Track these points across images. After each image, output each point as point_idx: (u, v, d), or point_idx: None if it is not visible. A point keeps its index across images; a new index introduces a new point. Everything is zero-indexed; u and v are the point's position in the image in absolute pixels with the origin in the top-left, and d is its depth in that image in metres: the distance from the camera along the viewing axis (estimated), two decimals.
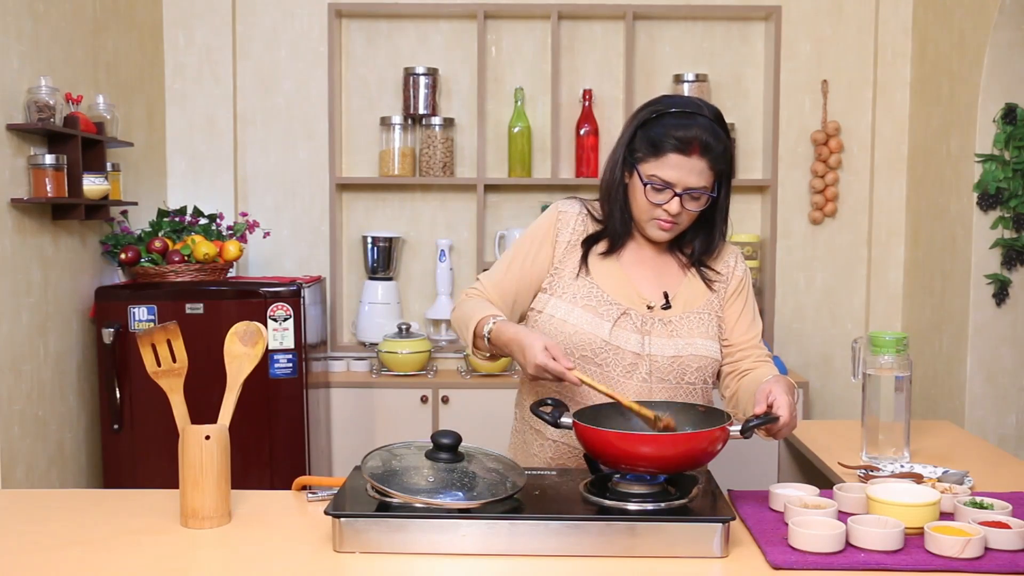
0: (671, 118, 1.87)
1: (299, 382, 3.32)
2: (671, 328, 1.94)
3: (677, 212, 1.89)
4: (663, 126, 1.87)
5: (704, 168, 1.86)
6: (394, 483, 1.60)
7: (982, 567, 1.50)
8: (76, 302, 3.21)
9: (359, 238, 4.10)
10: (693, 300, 1.99)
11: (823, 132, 4.05)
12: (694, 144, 1.85)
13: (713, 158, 1.86)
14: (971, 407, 3.45)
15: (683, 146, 1.85)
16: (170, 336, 1.77)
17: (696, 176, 1.86)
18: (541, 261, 1.99)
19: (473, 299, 2.00)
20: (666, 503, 1.61)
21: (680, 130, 1.85)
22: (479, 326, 1.89)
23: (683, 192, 1.87)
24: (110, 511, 1.80)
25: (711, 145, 1.86)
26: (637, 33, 4.05)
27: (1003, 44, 3.33)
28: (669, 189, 1.87)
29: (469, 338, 1.93)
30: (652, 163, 1.88)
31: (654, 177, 1.87)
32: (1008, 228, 3.39)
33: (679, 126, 1.86)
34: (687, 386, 1.95)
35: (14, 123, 2.79)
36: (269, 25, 4.05)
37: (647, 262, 2.00)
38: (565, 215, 2.00)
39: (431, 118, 3.98)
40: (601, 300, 1.94)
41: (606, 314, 1.93)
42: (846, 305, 4.15)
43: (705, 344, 1.96)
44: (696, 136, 1.85)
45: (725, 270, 2.03)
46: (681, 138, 1.85)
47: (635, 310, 1.94)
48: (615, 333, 1.92)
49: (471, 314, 1.92)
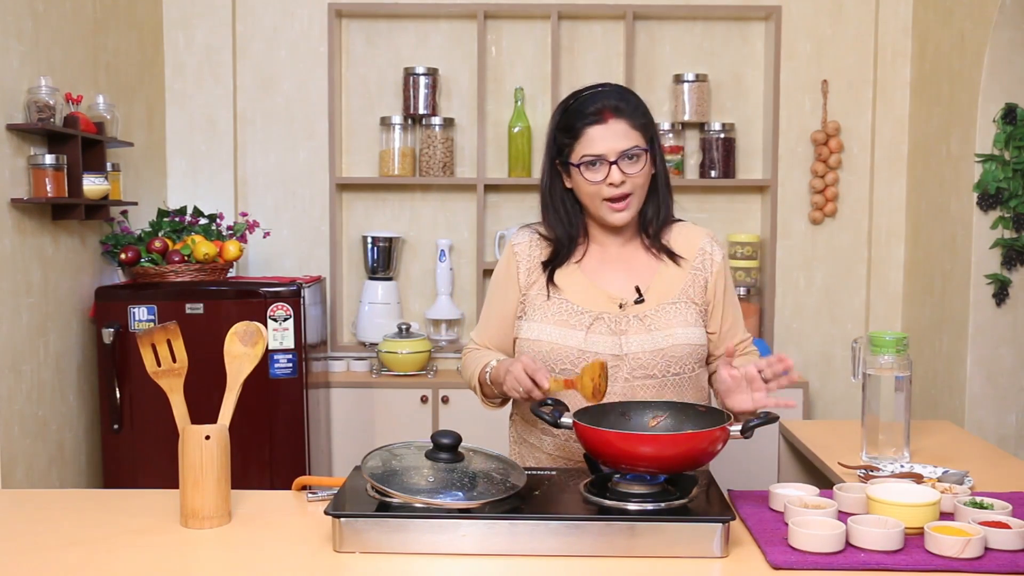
0: (576, 103, 1.94)
1: (299, 382, 3.32)
2: (648, 323, 1.94)
3: (620, 180, 1.90)
4: (572, 113, 1.93)
5: (626, 128, 1.90)
6: (394, 483, 1.60)
7: (982, 567, 1.50)
8: (76, 302, 3.21)
9: (359, 238, 4.10)
10: (668, 290, 1.97)
11: (823, 132, 4.05)
12: (604, 111, 1.90)
13: (629, 116, 1.91)
14: (971, 407, 3.45)
15: (597, 117, 1.90)
16: (170, 336, 1.77)
17: (622, 139, 1.89)
18: (511, 297, 2.04)
19: (471, 354, 2.07)
20: (666, 503, 1.61)
21: (588, 105, 1.91)
22: (480, 375, 1.97)
23: (617, 159, 1.89)
24: (110, 511, 1.80)
25: (621, 107, 1.91)
26: (637, 33, 4.05)
27: (1003, 44, 3.33)
28: (603, 161, 1.90)
29: (478, 394, 2.02)
30: (577, 147, 1.92)
31: (584, 157, 1.90)
32: (1008, 228, 3.39)
33: (585, 103, 1.92)
34: (674, 378, 1.94)
35: (14, 123, 2.79)
36: (269, 25, 4.05)
37: (612, 261, 2.01)
38: (519, 246, 2.05)
39: (431, 118, 3.98)
40: (571, 312, 1.95)
41: (578, 324, 1.94)
42: (846, 305, 4.15)
43: (685, 332, 1.95)
44: (604, 104, 1.91)
45: (700, 256, 2.01)
46: (592, 111, 1.90)
47: (607, 313, 1.95)
48: (590, 339, 1.93)
49: (472, 371, 2.01)
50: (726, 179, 4.02)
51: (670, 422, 1.79)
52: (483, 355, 2.02)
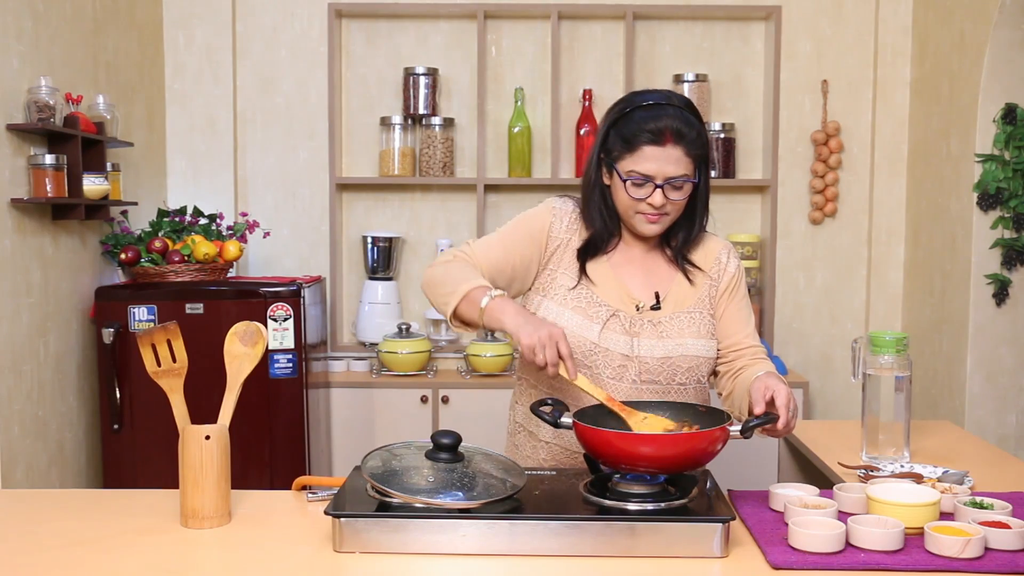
0: (640, 111, 1.88)
1: (299, 382, 3.32)
2: (660, 329, 1.93)
3: (661, 204, 1.88)
4: (634, 121, 1.87)
5: (680, 156, 1.86)
6: (394, 483, 1.60)
7: (982, 567, 1.50)
8: (76, 302, 3.21)
9: (359, 238, 4.10)
10: (684, 299, 1.98)
11: (823, 132, 4.05)
12: (666, 133, 1.85)
13: (688, 144, 1.86)
14: (971, 407, 3.45)
15: (656, 137, 1.85)
16: (170, 336, 1.77)
17: (674, 165, 1.86)
18: (528, 251, 1.96)
19: (461, 262, 1.92)
20: (666, 503, 1.61)
21: (651, 122, 1.86)
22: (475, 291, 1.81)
23: (663, 183, 1.86)
24: (110, 511, 1.80)
25: (684, 132, 1.86)
26: (637, 33, 4.05)
27: (1003, 44, 3.33)
28: (650, 183, 1.87)
29: (456, 293, 1.82)
30: (628, 159, 1.88)
31: (633, 172, 1.87)
32: (1008, 228, 3.39)
33: (649, 118, 1.86)
34: (678, 387, 1.94)
35: (14, 123, 2.79)
36: (269, 25, 4.05)
37: (636, 262, 2.00)
38: (558, 211, 1.99)
39: (431, 118, 3.98)
40: (591, 302, 1.94)
41: (595, 316, 1.93)
42: (846, 305, 4.15)
43: (696, 344, 1.95)
44: (667, 125, 1.85)
45: (716, 266, 2.01)
46: (653, 129, 1.85)
47: (624, 311, 1.94)
48: (604, 335, 1.92)
49: (459, 279, 1.84)
50: (726, 179, 4.02)
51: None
52: (479, 275, 1.87)
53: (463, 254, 1.95)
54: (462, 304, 1.83)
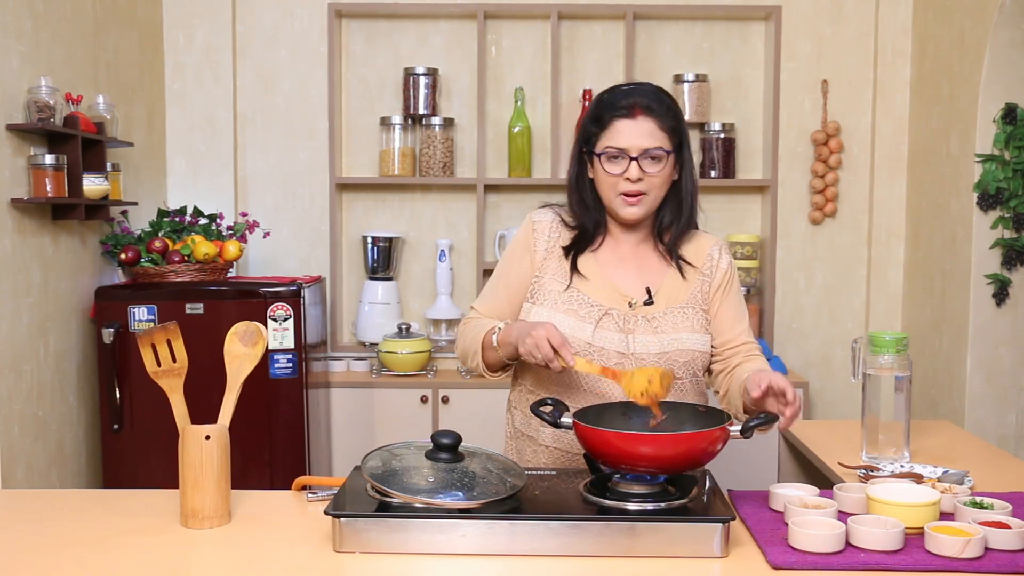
0: (611, 96, 1.95)
1: (299, 382, 3.32)
2: (655, 324, 1.94)
3: (638, 177, 1.90)
4: (604, 103, 1.95)
5: (653, 128, 1.90)
6: (394, 483, 1.60)
7: (982, 567, 1.50)
8: (76, 302, 3.21)
9: (359, 238, 4.10)
10: (677, 294, 1.98)
11: (823, 132, 4.05)
12: (636, 107, 1.91)
13: (659, 117, 1.91)
14: (971, 407, 3.45)
15: (627, 111, 1.91)
16: (170, 336, 1.77)
17: (647, 137, 1.90)
18: (525, 271, 2.02)
19: (473, 321, 2.03)
20: (666, 503, 1.61)
21: (621, 100, 1.93)
22: (487, 336, 1.92)
23: (639, 155, 1.89)
24: (110, 511, 1.80)
25: (653, 106, 1.92)
26: (637, 33, 4.05)
27: (1003, 44, 3.33)
28: (624, 156, 1.90)
29: (477, 350, 1.95)
30: (603, 137, 1.93)
31: (608, 148, 1.91)
32: (1008, 228, 3.39)
33: (620, 98, 1.94)
34: (675, 382, 1.94)
35: (14, 123, 2.79)
36: (269, 25, 4.05)
37: (627, 259, 2.01)
38: (540, 224, 2.04)
39: (431, 118, 3.98)
40: (582, 303, 1.95)
41: (587, 316, 1.94)
42: (846, 305, 4.15)
43: (691, 338, 1.95)
44: (636, 100, 1.92)
45: (708, 263, 2.02)
46: (623, 105, 1.92)
47: (617, 309, 1.95)
48: (598, 334, 1.93)
49: (475, 334, 1.96)
50: (726, 179, 4.02)
51: (670, 422, 1.79)
52: (488, 321, 1.98)
53: (471, 317, 2.05)
54: (486, 356, 1.94)
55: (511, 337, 1.85)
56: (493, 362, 1.95)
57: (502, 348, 1.89)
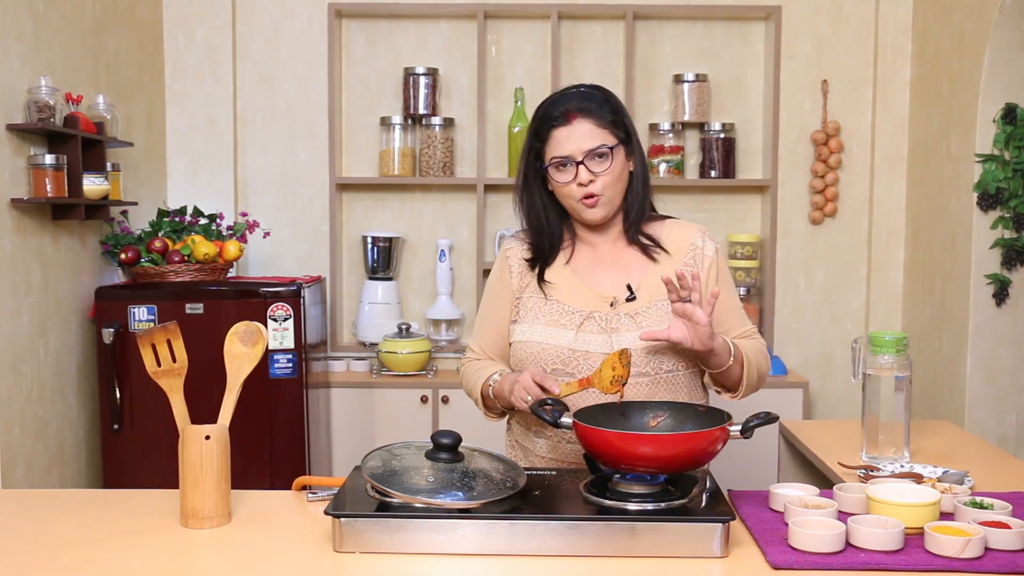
0: (545, 108, 1.97)
1: (299, 382, 3.32)
2: (639, 320, 1.93)
3: (588, 179, 1.92)
4: (542, 117, 1.97)
5: (591, 128, 1.92)
6: (394, 483, 1.61)
7: (982, 567, 1.50)
8: (76, 302, 3.21)
9: (359, 238, 4.10)
10: (660, 288, 1.95)
11: (823, 132, 4.05)
12: (569, 113, 1.93)
13: (595, 116, 1.93)
14: (971, 407, 3.45)
15: (562, 118, 1.93)
16: (170, 336, 1.77)
17: (587, 138, 1.91)
18: (505, 302, 2.05)
19: (471, 364, 2.07)
20: (666, 503, 1.61)
21: (553, 109, 1.95)
22: (483, 390, 1.98)
23: (584, 158, 1.91)
24: (110, 511, 1.80)
25: (586, 106, 1.93)
26: (637, 33, 4.05)
27: (1003, 44, 3.33)
28: (570, 162, 1.92)
29: (478, 398, 2.02)
30: (547, 149, 1.95)
31: (554, 158, 1.93)
32: (1008, 228, 3.39)
33: (552, 107, 1.96)
34: (667, 375, 1.93)
35: (14, 123, 2.79)
36: (269, 25, 4.05)
37: (604, 260, 2.01)
38: (510, 251, 2.08)
39: (431, 118, 3.98)
40: (562, 312, 1.96)
41: (568, 323, 1.95)
42: (846, 305, 4.15)
43: None
44: (568, 106, 1.94)
45: (692, 251, 2.00)
46: (556, 114, 1.93)
47: (598, 312, 1.95)
48: (580, 338, 1.93)
49: (474, 383, 2.02)
50: (726, 179, 4.02)
51: (670, 422, 1.79)
52: (483, 366, 2.03)
53: (468, 359, 2.10)
54: (488, 405, 2.01)
55: (503, 392, 1.91)
56: (493, 408, 2.02)
57: (499, 401, 1.95)
